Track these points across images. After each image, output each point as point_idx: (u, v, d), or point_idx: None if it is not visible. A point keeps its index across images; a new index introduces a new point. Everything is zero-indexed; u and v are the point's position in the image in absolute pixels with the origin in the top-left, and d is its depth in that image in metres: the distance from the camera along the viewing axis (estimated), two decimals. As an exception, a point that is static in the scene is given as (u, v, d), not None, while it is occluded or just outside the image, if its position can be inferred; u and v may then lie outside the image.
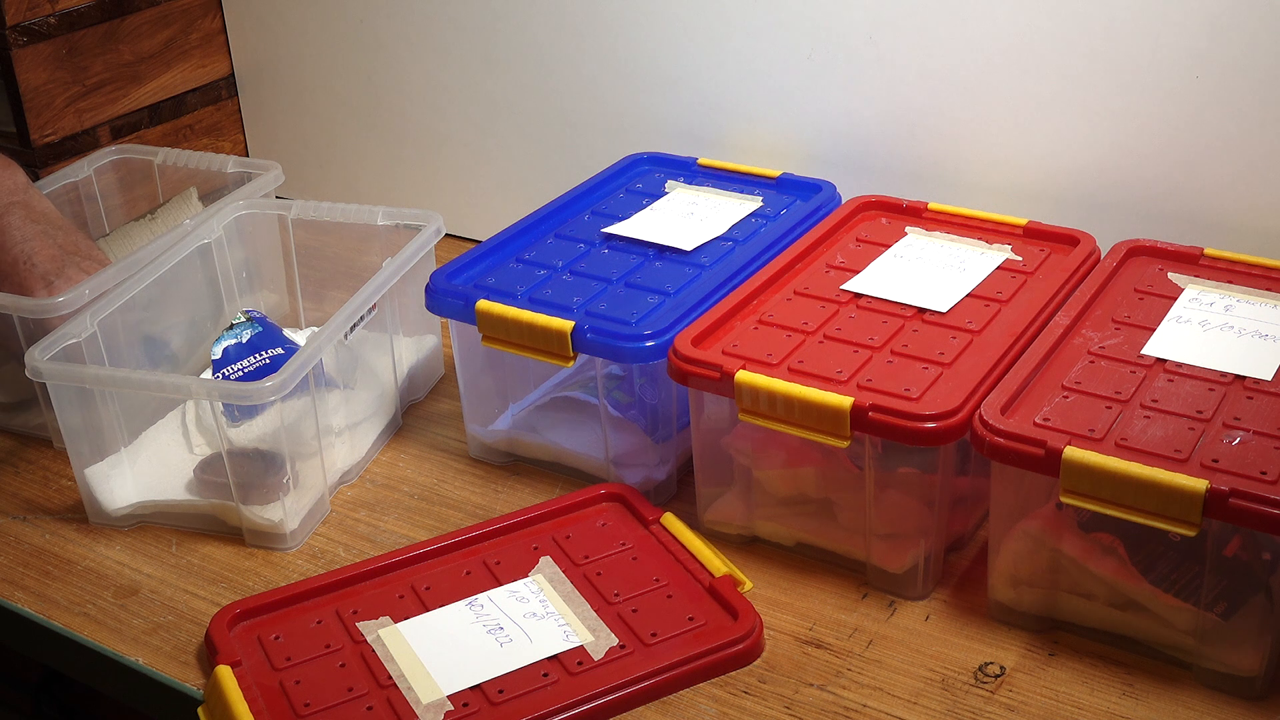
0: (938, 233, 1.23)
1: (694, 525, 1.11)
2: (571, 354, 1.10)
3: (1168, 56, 1.18)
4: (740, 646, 0.97)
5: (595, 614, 1.00)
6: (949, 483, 1.02)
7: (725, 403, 1.04)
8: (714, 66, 1.41)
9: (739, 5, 1.37)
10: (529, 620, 0.99)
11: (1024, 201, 1.29)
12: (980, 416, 0.95)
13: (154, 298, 1.24)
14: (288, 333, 1.29)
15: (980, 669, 0.97)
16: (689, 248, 1.22)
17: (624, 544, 1.07)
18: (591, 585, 1.03)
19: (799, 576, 1.06)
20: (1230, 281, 1.12)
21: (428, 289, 1.18)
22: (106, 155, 1.48)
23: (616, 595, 1.01)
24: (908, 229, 1.24)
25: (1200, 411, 0.96)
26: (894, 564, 1.03)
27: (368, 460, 1.23)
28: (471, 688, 0.94)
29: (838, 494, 1.06)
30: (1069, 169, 1.27)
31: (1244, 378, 1.00)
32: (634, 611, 1.00)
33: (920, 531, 1.02)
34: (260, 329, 1.26)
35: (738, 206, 1.29)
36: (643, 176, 1.38)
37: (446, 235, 1.35)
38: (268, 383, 1.06)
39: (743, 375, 1.01)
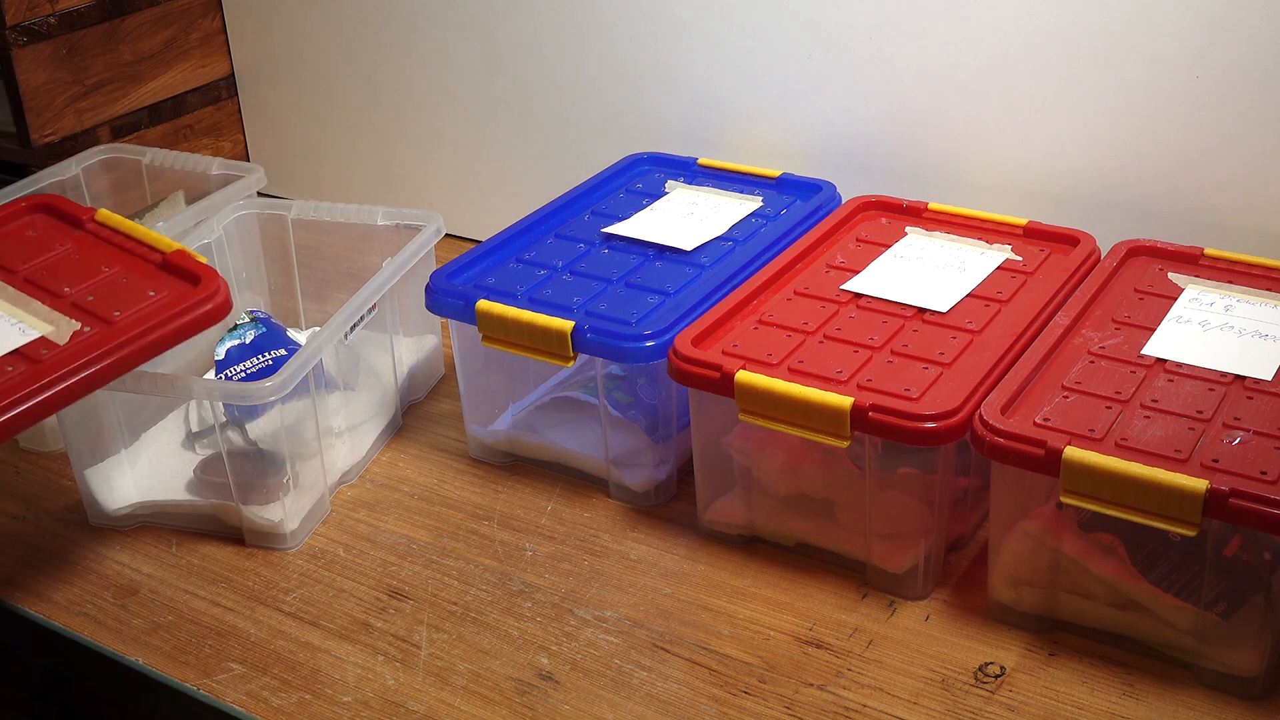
0: (938, 233, 1.23)
1: (694, 525, 1.11)
2: (571, 354, 1.10)
3: (1168, 56, 1.18)
4: (209, 306, 0.99)
5: (48, 308, 0.99)
6: (949, 483, 1.02)
7: (725, 403, 1.04)
8: (714, 66, 1.41)
9: (739, 5, 1.37)
10: None
11: (1024, 201, 1.29)
12: (980, 416, 0.95)
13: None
14: (289, 333, 1.29)
15: (980, 669, 0.97)
16: (689, 248, 1.22)
17: (61, 245, 1.06)
18: (36, 286, 1.02)
19: (799, 576, 1.06)
20: (1230, 281, 1.12)
21: (428, 289, 1.18)
22: (95, 155, 1.48)
23: (67, 289, 1.01)
24: (908, 229, 1.24)
25: (1200, 411, 0.96)
26: (894, 564, 1.03)
27: (368, 460, 1.23)
28: None
29: (838, 494, 1.06)
30: (1069, 169, 1.27)
31: (1244, 378, 1.00)
32: (90, 299, 1.00)
33: (920, 531, 1.02)
34: (264, 330, 1.26)
35: (738, 206, 1.29)
36: (643, 176, 1.38)
37: (446, 235, 1.35)
38: (268, 383, 1.06)
39: (743, 375, 1.01)
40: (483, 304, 1.13)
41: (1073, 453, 0.91)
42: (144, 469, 1.17)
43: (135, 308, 0.97)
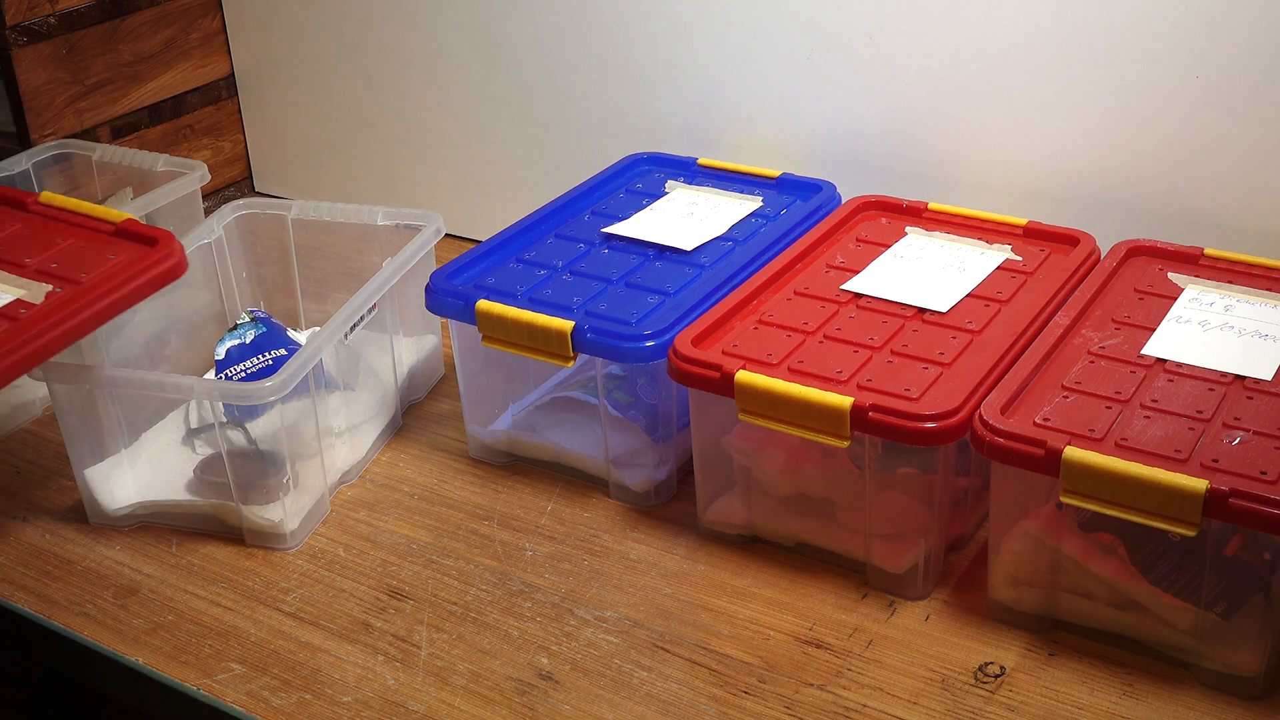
0: (938, 233, 1.23)
1: (694, 525, 1.11)
2: (571, 354, 1.10)
3: (1168, 56, 1.18)
4: (171, 263, 1.05)
5: (16, 276, 1.03)
6: (949, 483, 1.02)
7: (725, 403, 1.04)
8: (714, 66, 1.41)
9: (739, 5, 1.37)
10: None
11: (1024, 201, 1.29)
12: (980, 416, 0.95)
13: (153, 298, 1.24)
14: (289, 333, 1.29)
15: (980, 669, 0.97)
16: (689, 248, 1.22)
17: (11, 226, 1.10)
18: None
19: (799, 576, 1.06)
20: (1230, 281, 1.12)
21: (428, 289, 1.18)
22: (46, 151, 1.48)
23: (28, 260, 1.05)
24: (908, 229, 1.24)
25: (1200, 411, 0.96)
26: (894, 564, 1.03)
27: (368, 460, 1.23)
28: None
29: (838, 494, 1.06)
30: (1069, 169, 1.27)
31: (1244, 378, 1.00)
32: (54, 266, 1.04)
33: (920, 531, 1.02)
34: (264, 329, 1.26)
35: (738, 206, 1.29)
36: (643, 176, 1.38)
37: (446, 235, 1.35)
38: (268, 383, 1.06)
39: (743, 375, 1.01)
40: (483, 304, 1.13)
41: (1073, 453, 0.91)
42: (144, 469, 1.17)
43: (100, 269, 1.02)
